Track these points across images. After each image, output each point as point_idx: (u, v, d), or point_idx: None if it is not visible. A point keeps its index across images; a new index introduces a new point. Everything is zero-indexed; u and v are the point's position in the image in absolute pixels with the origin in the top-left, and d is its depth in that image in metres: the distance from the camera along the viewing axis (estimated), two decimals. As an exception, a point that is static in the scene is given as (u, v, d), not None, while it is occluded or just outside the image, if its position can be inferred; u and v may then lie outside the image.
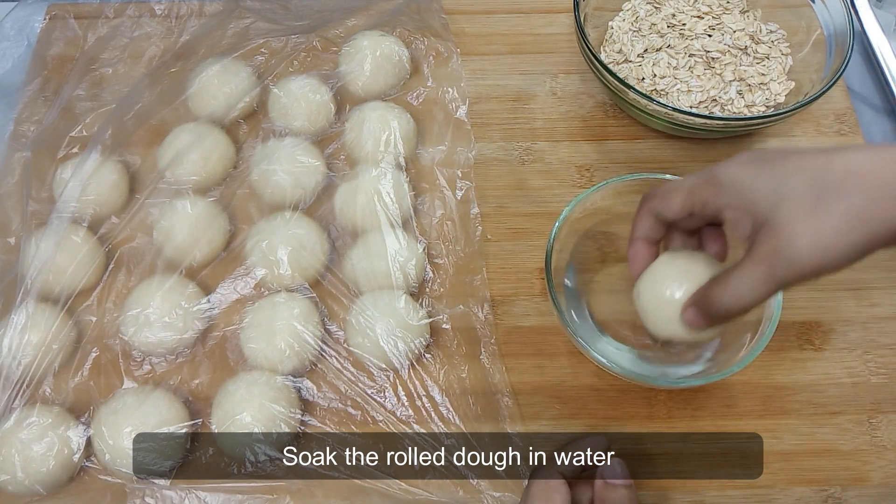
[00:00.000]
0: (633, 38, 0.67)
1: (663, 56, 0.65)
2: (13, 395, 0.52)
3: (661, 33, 0.67)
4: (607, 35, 0.69)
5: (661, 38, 0.67)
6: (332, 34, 0.70)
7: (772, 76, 0.65)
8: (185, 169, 0.61)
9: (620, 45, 0.68)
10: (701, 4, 0.68)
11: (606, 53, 0.68)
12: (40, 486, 0.50)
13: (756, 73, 0.65)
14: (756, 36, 0.66)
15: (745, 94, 0.64)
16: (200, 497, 0.51)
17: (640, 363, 0.56)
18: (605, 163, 0.65)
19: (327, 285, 0.58)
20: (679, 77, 0.64)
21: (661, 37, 0.67)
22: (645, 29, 0.68)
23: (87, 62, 0.68)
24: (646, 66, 0.65)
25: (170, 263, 0.58)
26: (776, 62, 0.66)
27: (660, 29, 0.67)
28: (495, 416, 0.54)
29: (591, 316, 0.58)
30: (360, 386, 0.55)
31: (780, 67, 0.66)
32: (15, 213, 0.61)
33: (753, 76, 0.65)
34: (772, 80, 0.65)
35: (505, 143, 0.66)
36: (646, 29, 0.68)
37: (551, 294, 0.53)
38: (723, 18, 0.67)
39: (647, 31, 0.68)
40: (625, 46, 0.67)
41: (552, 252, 0.54)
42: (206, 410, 0.54)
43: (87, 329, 0.57)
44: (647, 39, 0.67)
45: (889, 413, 0.55)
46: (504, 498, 0.51)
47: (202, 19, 0.70)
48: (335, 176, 0.63)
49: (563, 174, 0.65)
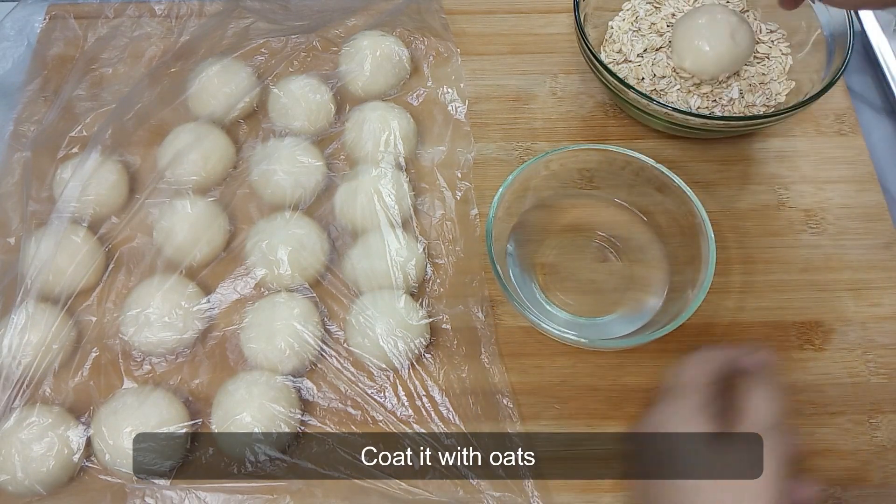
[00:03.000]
0: (632, 37, 0.67)
1: (662, 56, 0.65)
2: (13, 395, 0.52)
3: (660, 33, 0.67)
4: (607, 35, 0.69)
5: (660, 38, 0.67)
6: (332, 34, 0.70)
7: (772, 76, 0.65)
8: (185, 169, 0.61)
9: (620, 45, 0.68)
10: (700, 4, 0.68)
11: (606, 53, 0.68)
12: (40, 486, 0.50)
13: (756, 73, 0.65)
14: (756, 36, 0.66)
15: (745, 94, 0.64)
16: (200, 497, 0.51)
17: (583, 328, 0.57)
18: (604, 163, 0.65)
19: (327, 285, 0.58)
20: (679, 77, 0.64)
21: (661, 36, 0.67)
22: (645, 28, 0.68)
23: (87, 62, 0.68)
24: (645, 65, 0.65)
25: (170, 263, 0.58)
26: (776, 62, 0.66)
27: (659, 28, 0.67)
28: (495, 416, 0.54)
29: (535, 285, 0.59)
30: (360, 386, 0.55)
31: (780, 67, 0.66)
32: (15, 213, 0.61)
33: (753, 76, 0.65)
34: (772, 80, 0.65)
35: (505, 143, 0.66)
36: (645, 28, 0.68)
37: (491, 260, 0.54)
38: None
39: (646, 30, 0.68)
40: (624, 46, 0.67)
41: (494, 221, 0.55)
42: (206, 410, 0.54)
43: (87, 329, 0.57)
44: (646, 39, 0.67)
45: (889, 413, 0.55)
46: (504, 498, 0.51)
47: (202, 19, 0.70)
48: (335, 176, 0.63)
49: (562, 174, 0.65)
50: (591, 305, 0.59)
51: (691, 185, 0.56)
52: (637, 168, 0.58)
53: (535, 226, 0.61)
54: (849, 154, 0.66)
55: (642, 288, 0.59)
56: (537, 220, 0.61)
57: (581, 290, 0.59)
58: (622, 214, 0.61)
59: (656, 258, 0.59)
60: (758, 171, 0.65)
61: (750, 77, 0.65)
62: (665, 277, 0.58)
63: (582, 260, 0.60)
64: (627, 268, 0.60)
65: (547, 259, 0.60)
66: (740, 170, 0.65)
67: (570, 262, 0.60)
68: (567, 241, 0.61)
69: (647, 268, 0.59)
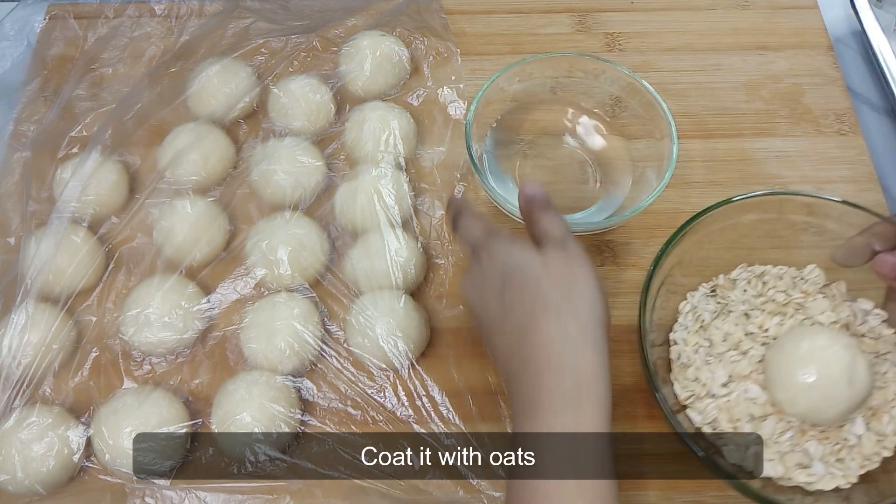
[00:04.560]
0: (706, 357, 0.53)
1: (756, 388, 0.51)
2: (13, 395, 0.52)
3: (742, 350, 0.52)
4: (673, 354, 0.54)
5: (745, 359, 0.52)
6: (332, 34, 0.70)
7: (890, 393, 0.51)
8: (185, 169, 0.61)
9: (696, 371, 0.52)
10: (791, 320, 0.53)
11: (681, 383, 0.53)
12: (40, 486, 0.50)
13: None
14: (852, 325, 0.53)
15: (871, 423, 0.50)
16: (200, 497, 0.51)
17: None
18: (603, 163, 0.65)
19: (327, 285, 0.58)
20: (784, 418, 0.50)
21: (745, 355, 0.52)
22: (718, 341, 0.53)
23: (87, 62, 0.68)
24: (736, 402, 0.51)
25: (170, 263, 0.58)
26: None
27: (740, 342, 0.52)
28: (495, 416, 0.54)
29: (513, 184, 0.64)
30: (360, 386, 0.55)
31: None
32: (15, 213, 0.61)
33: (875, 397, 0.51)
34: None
35: (505, 142, 0.66)
36: (719, 341, 0.53)
37: (469, 155, 0.58)
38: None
39: (721, 343, 0.53)
40: (700, 372, 0.52)
41: (473, 118, 0.60)
42: (206, 410, 0.54)
43: (87, 329, 0.57)
44: (727, 362, 0.52)
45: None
46: (504, 498, 0.51)
47: (202, 19, 0.70)
48: (335, 176, 0.63)
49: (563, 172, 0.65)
50: (566, 203, 0.62)
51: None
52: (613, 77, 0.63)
53: (513, 130, 0.66)
54: (849, 154, 0.66)
55: (612, 184, 0.63)
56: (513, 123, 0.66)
57: (554, 188, 0.62)
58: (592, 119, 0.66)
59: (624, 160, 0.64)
60: (758, 171, 0.65)
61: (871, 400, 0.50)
62: (631, 175, 0.63)
63: (556, 161, 0.65)
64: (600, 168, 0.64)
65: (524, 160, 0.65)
66: (740, 170, 0.65)
67: (545, 162, 0.64)
68: (542, 144, 0.65)
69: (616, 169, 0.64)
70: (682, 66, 0.71)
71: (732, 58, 0.71)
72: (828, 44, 0.72)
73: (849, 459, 0.49)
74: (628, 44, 0.73)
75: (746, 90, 0.70)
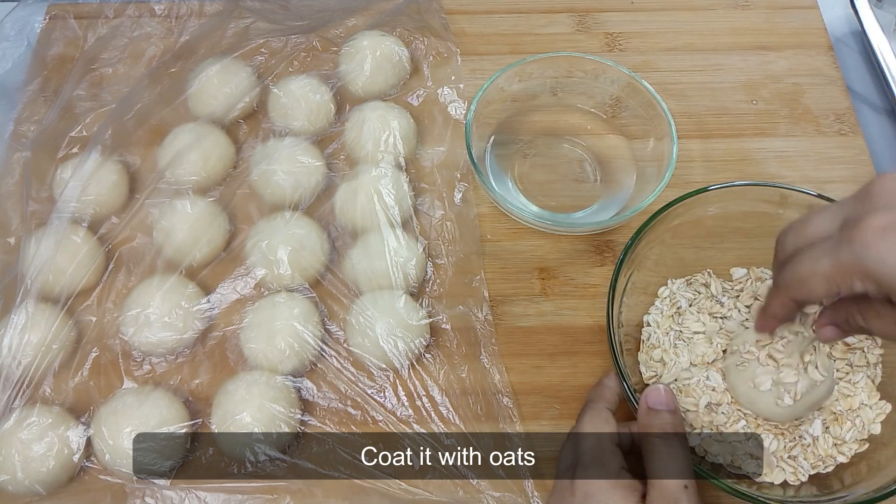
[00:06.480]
0: (675, 340, 0.54)
1: (718, 377, 0.52)
2: (13, 395, 0.52)
3: (710, 338, 0.53)
4: (644, 335, 0.56)
5: (711, 348, 0.53)
6: (332, 34, 0.70)
7: (860, 398, 0.52)
8: (185, 169, 0.61)
9: (661, 352, 0.54)
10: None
11: (644, 364, 0.55)
12: (40, 486, 0.50)
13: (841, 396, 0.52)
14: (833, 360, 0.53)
15: (830, 426, 0.51)
16: (200, 497, 0.51)
17: (554, 217, 0.62)
18: (603, 161, 0.65)
19: (327, 285, 0.58)
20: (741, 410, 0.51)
21: (711, 344, 0.53)
22: (688, 330, 0.54)
23: (87, 62, 0.68)
24: (695, 386, 0.52)
25: (170, 263, 0.58)
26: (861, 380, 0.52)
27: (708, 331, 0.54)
28: (495, 416, 0.54)
29: (512, 183, 0.64)
30: (360, 386, 0.55)
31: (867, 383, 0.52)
32: (15, 213, 0.61)
33: (838, 400, 0.51)
34: (862, 405, 0.51)
35: (505, 142, 0.66)
36: (689, 331, 0.54)
37: (469, 154, 0.59)
38: None
39: (690, 332, 0.54)
40: (666, 353, 0.54)
41: (473, 118, 0.60)
42: (206, 410, 0.54)
43: (87, 329, 0.57)
44: (692, 346, 0.54)
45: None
46: (504, 498, 0.51)
47: (202, 19, 0.70)
48: (335, 176, 0.63)
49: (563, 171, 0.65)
50: (565, 202, 0.63)
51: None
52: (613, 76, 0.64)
53: (513, 130, 0.66)
54: (849, 154, 0.66)
55: (613, 183, 0.64)
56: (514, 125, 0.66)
57: (554, 187, 0.64)
58: (592, 119, 0.67)
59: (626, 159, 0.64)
60: (758, 171, 0.65)
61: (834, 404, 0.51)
62: (633, 174, 0.64)
63: (556, 160, 0.65)
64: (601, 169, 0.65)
65: (524, 157, 0.66)
66: (740, 170, 0.65)
67: (545, 161, 0.65)
68: (541, 144, 0.66)
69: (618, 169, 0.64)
70: (682, 66, 0.71)
71: (732, 58, 0.71)
72: (828, 44, 0.72)
73: (801, 458, 0.50)
74: (628, 44, 0.73)
75: (746, 90, 0.70)
